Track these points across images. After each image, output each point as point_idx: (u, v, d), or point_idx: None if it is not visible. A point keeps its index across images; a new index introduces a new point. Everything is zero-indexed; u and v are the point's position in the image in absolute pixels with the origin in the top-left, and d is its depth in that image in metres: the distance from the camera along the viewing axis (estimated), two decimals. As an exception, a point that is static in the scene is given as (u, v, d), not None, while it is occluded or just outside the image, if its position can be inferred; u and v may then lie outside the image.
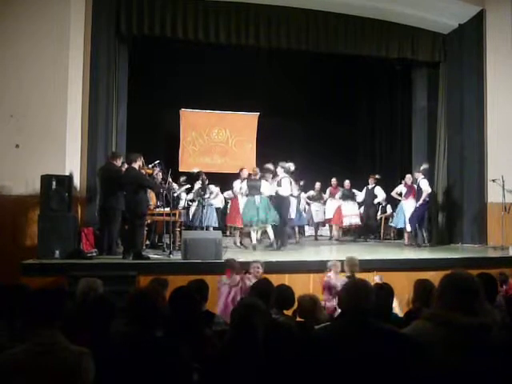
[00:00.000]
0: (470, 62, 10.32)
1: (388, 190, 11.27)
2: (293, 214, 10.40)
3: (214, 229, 10.68)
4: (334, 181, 12.00)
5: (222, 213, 11.77)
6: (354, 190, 11.66)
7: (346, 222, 11.50)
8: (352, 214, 11.41)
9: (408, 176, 10.32)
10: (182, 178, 11.62)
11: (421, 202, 9.62)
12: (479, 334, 2.12)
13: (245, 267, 5.81)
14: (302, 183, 11.29)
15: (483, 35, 10.03)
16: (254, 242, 8.76)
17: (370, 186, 11.48)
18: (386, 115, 13.84)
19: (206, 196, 10.11)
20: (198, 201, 10.01)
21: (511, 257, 8.03)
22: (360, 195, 11.56)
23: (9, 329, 2.80)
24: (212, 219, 10.99)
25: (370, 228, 11.80)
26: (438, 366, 2.08)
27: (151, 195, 8.39)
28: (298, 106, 13.36)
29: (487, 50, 10.00)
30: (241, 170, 9.44)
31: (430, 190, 9.74)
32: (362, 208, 11.63)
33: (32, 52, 7.77)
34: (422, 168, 10.02)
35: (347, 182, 11.67)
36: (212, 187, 10.83)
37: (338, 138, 14.10)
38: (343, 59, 11.38)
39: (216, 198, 11.33)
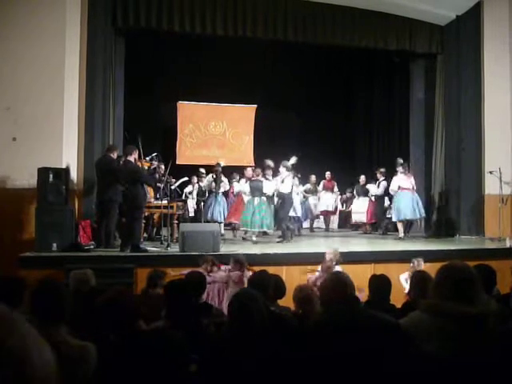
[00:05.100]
0: (467, 54, 10.29)
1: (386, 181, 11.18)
2: (298, 211, 10.68)
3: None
4: (328, 174, 12.01)
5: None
6: (368, 185, 11.49)
7: (355, 218, 11.64)
8: (359, 211, 11.45)
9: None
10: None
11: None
12: (475, 323, 2.13)
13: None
14: (299, 175, 11.26)
15: (481, 26, 9.98)
16: (254, 239, 8.85)
17: (380, 180, 11.18)
18: (384, 107, 13.81)
19: (221, 190, 10.13)
20: (210, 193, 10.02)
21: (508, 248, 8.07)
22: (373, 189, 11.28)
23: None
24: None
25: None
26: (434, 355, 2.09)
27: (149, 188, 8.37)
28: (295, 98, 13.34)
29: (485, 41, 9.95)
30: (245, 169, 9.64)
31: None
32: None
33: (30, 46, 7.73)
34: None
35: (362, 178, 11.64)
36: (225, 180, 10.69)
37: (335, 130, 14.10)
38: (341, 51, 11.34)
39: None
